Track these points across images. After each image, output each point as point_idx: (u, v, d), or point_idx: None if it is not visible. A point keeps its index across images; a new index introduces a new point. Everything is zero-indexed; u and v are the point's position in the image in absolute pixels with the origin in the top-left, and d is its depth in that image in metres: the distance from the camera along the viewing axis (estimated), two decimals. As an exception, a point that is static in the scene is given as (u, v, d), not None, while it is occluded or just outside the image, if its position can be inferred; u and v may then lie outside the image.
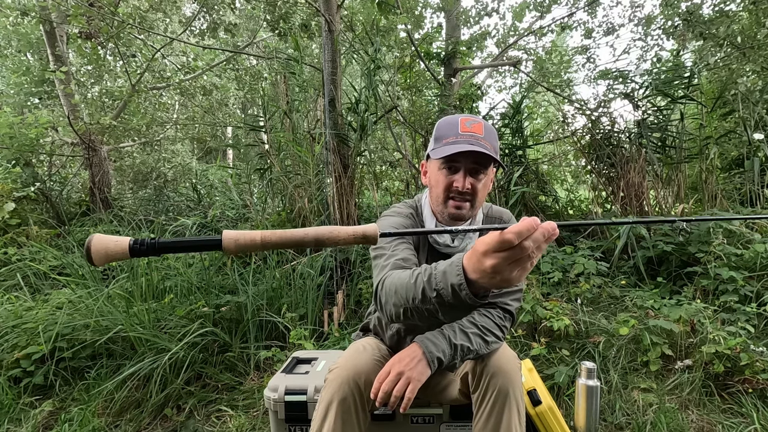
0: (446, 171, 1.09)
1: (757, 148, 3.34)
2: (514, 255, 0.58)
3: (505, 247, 0.58)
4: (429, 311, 0.81)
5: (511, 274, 0.60)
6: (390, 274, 0.98)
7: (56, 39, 4.80)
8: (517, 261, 0.59)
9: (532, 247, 0.57)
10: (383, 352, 1.19)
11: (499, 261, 0.59)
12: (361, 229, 0.62)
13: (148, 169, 6.58)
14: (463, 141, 1.04)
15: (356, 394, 1.01)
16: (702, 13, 3.93)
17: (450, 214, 1.11)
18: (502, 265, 0.59)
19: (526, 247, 0.57)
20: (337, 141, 3.24)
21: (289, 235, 0.60)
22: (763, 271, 2.36)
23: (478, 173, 1.08)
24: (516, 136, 3.85)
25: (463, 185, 1.06)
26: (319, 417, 1.01)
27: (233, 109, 7.50)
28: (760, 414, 1.71)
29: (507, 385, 1.01)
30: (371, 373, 1.04)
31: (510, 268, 0.59)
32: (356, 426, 1.01)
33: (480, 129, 1.06)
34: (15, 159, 4.44)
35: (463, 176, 1.06)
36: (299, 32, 4.27)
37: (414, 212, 1.23)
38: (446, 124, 1.09)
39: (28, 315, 2.23)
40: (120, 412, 1.89)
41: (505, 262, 0.59)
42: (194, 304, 2.36)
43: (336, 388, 1.01)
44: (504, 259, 0.59)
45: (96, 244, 0.56)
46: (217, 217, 3.92)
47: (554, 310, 2.22)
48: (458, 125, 1.06)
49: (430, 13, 6.76)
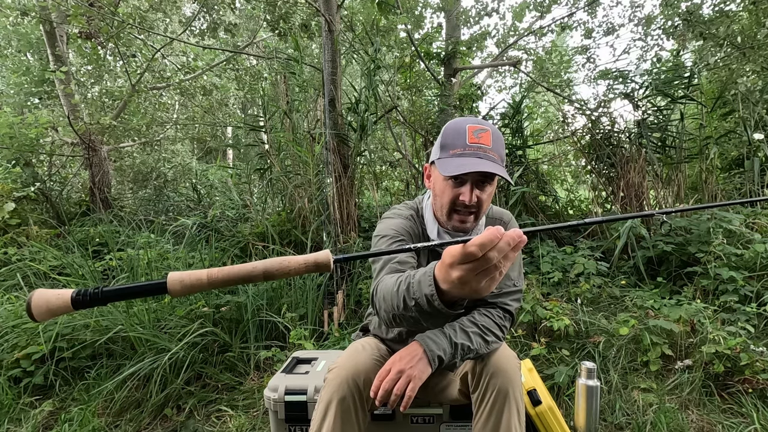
0: (452, 182, 1.06)
1: (757, 148, 3.34)
2: (479, 266, 0.58)
3: (469, 259, 0.58)
4: (414, 318, 0.82)
5: (479, 285, 0.60)
6: (383, 279, 0.98)
7: (56, 39, 4.79)
8: (484, 272, 0.58)
9: (497, 258, 0.57)
10: (382, 352, 1.19)
11: (464, 273, 0.60)
12: (312, 258, 0.60)
13: (148, 169, 6.58)
14: (471, 154, 1.01)
15: (355, 393, 1.01)
16: (702, 13, 3.93)
17: (454, 227, 1.10)
18: (469, 276, 0.59)
19: (490, 257, 0.57)
20: (337, 141, 3.24)
21: (236, 271, 0.58)
22: (763, 271, 2.36)
23: (485, 185, 1.06)
24: (516, 136, 3.85)
25: (470, 199, 1.04)
26: (319, 416, 1.01)
27: (233, 109, 7.50)
28: (760, 414, 1.71)
29: (507, 384, 1.01)
30: (370, 372, 1.04)
31: (477, 279, 0.59)
32: (356, 425, 1.01)
33: (488, 139, 1.03)
34: (15, 159, 4.44)
35: (470, 190, 1.04)
36: (299, 32, 4.27)
37: (415, 213, 1.22)
38: (453, 131, 1.05)
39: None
40: (120, 412, 1.89)
41: (472, 273, 0.59)
42: (194, 304, 2.36)
43: (335, 388, 1.01)
44: (470, 271, 0.59)
45: (37, 299, 0.53)
46: (217, 217, 3.92)
47: (554, 310, 2.22)
48: (466, 135, 1.02)
49: (430, 13, 6.76)
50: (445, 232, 1.15)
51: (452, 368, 1.25)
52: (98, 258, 3.05)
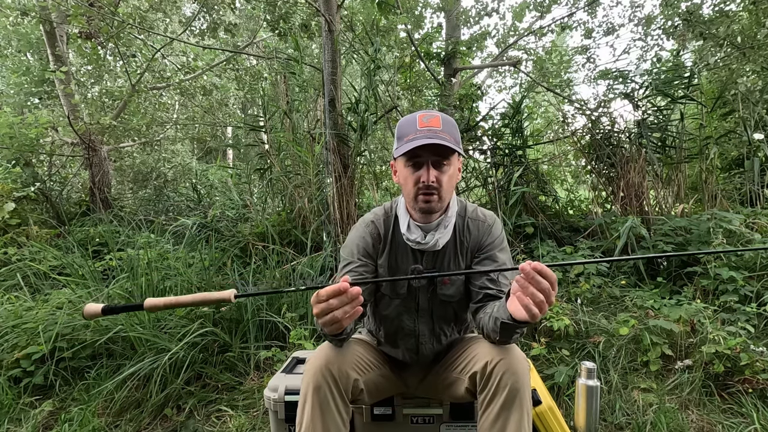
0: (411, 168, 1.11)
1: (757, 148, 3.34)
2: (324, 308, 0.84)
3: (319, 300, 0.84)
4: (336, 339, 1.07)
5: (324, 324, 0.85)
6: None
7: (56, 39, 4.79)
8: (326, 315, 0.84)
9: (335, 305, 0.83)
10: (366, 347, 1.25)
11: (318, 310, 0.84)
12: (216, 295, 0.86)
13: (148, 169, 6.59)
14: (422, 136, 1.06)
15: (330, 381, 1.03)
16: (702, 13, 3.93)
17: (421, 209, 1.13)
18: (319, 314, 0.85)
19: (330, 305, 0.83)
20: (337, 141, 3.24)
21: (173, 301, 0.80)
22: (763, 271, 2.36)
23: (441, 165, 1.10)
24: (516, 136, 3.85)
25: (428, 179, 1.08)
26: (300, 409, 1.04)
27: (233, 109, 7.50)
28: (760, 414, 1.71)
29: (518, 385, 1.01)
30: (346, 362, 1.08)
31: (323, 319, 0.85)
32: (336, 413, 1.03)
33: (437, 122, 1.09)
34: (15, 159, 4.44)
35: (427, 170, 1.09)
36: (299, 32, 4.27)
37: (383, 214, 1.25)
38: (406, 122, 1.12)
39: (28, 315, 2.23)
40: (120, 412, 1.89)
41: (321, 313, 0.84)
42: (194, 304, 2.35)
43: (310, 378, 1.04)
44: (320, 310, 0.84)
45: None
46: (217, 217, 3.92)
47: (554, 310, 2.22)
48: (416, 122, 1.09)
49: (430, 13, 6.75)
50: (416, 225, 1.17)
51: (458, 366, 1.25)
52: (98, 258, 3.05)
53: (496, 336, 1.03)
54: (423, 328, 1.25)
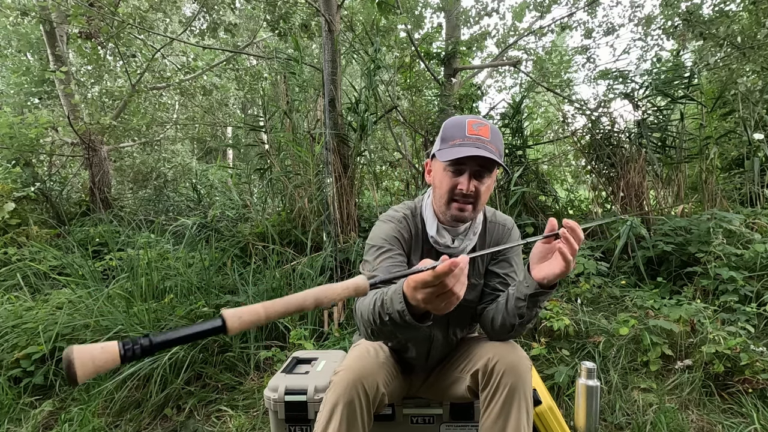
0: (451, 173, 1.08)
1: (757, 148, 3.34)
2: (437, 290, 0.71)
3: (428, 285, 0.72)
4: (390, 331, 0.91)
5: (439, 305, 0.74)
6: (360, 298, 1.01)
7: (56, 39, 4.79)
8: (442, 295, 0.72)
9: (453, 283, 0.70)
10: (387, 354, 1.19)
11: (426, 295, 0.73)
12: (352, 283, 0.67)
13: (148, 169, 6.59)
14: (470, 144, 1.04)
15: (362, 396, 1.01)
16: (702, 13, 3.93)
17: (453, 216, 1.11)
18: (430, 298, 0.73)
19: (446, 284, 0.70)
20: (337, 141, 3.24)
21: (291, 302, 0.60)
22: (763, 271, 2.36)
23: (483, 176, 1.08)
24: (516, 136, 3.85)
25: (467, 188, 1.06)
26: (324, 419, 1.00)
27: (233, 109, 7.51)
28: (760, 414, 1.71)
29: (518, 383, 1.01)
30: (377, 375, 1.05)
31: (437, 300, 0.73)
32: (360, 429, 1.01)
33: (487, 132, 1.07)
34: (15, 159, 4.44)
35: (468, 179, 1.06)
36: (299, 32, 4.27)
37: (410, 214, 1.23)
38: (453, 125, 1.09)
39: (28, 315, 2.23)
40: (120, 412, 1.89)
41: (432, 296, 0.73)
42: (194, 304, 2.36)
43: (342, 391, 1.00)
44: (430, 294, 0.72)
45: (80, 356, 0.47)
46: (217, 217, 3.92)
47: (554, 310, 2.22)
48: (465, 127, 1.06)
49: (430, 13, 6.77)
50: (444, 229, 1.16)
51: (462, 363, 1.25)
52: (98, 258, 3.05)
53: (515, 319, 1.05)
54: (437, 333, 1.23)
